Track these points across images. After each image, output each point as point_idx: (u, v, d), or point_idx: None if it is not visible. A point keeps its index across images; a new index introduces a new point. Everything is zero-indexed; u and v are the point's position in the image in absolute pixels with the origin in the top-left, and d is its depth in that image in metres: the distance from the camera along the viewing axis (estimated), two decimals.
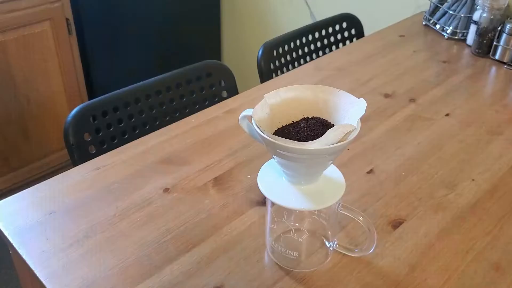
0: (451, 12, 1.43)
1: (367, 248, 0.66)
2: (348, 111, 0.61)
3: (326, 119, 0.62)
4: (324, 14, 1.64)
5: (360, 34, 1.59)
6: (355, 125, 0.56)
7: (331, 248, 0.69)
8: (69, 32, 1.86)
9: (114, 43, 2.02)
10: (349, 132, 0.55)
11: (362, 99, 0.60)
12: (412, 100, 1.10)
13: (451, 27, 1.42)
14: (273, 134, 0.59)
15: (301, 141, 0.57)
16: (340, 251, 0.69)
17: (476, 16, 1.34)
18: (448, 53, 1.35)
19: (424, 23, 1.52)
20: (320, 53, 1.54)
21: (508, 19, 1.27)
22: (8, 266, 1.72)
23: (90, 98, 2.03)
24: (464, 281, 0.66)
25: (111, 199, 0.79)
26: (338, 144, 0.54)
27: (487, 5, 1.27)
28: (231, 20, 2.38)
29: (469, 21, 1.39)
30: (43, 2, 1.74)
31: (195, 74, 1.23)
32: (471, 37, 1.37)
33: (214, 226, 0.75)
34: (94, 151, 1.05)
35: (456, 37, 1.42)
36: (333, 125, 0.61)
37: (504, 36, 1.26)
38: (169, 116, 1.19)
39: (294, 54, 1.46)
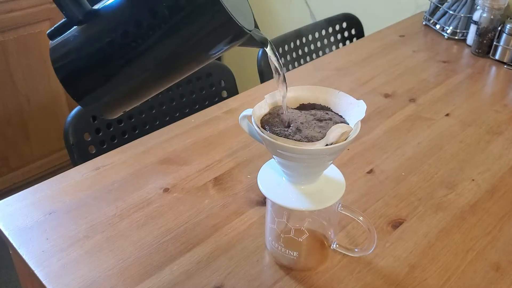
0: (451, 12, 1.43)
1: (367, 248, 0.66)
2: (348, 112, 0.61)
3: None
4: (324, 14, 1.64)
5: (360, 34, 1.59)
6: (353, 126, 0.56)
7: (331, 248, 0.69)
8: None
9: None
10: (347, 132, 0.55)
11: (362, 101, 0.60)
12: (412, 100, 1.10)
13: (451, 27, 1.42)
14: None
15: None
16: (340, 251, 0.69)
17: (476, 16, 1.34)
18: (448, 53, 1.35)
19: (424, 23, 1.52)
20: (320, 53, 1.54)
21: (508, 19, 1.27)
22: (8, 266, 1.72)
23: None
24: (464, 281, 0.66)
25: (111, 199, 0.79)
26: (338, 144, 0.54)
27: (487, 5, 1.27)
28: None
29: (469, 21, 1.39)
30: (43, 2, 1.74)
31: (195, 74, 1.23)
32: (471, 37, 1.37)
33: (214, 226, 0.75)
34: (94, 151, 1.05)
35: (456, 37, 1.42)
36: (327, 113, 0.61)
37: (504, 36, 1.26)
38: (169, 116, 1.19)
39: (294, 54, 1.46)
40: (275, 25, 2.21)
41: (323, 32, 1.53)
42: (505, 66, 1.27)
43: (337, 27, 1.56)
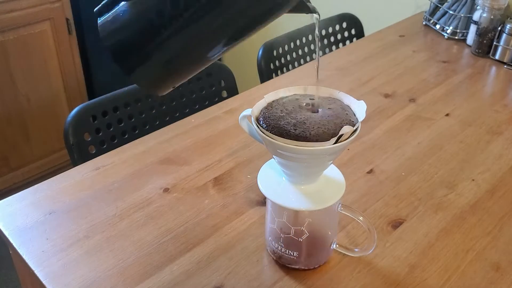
0: (451, 12, 1.43)
1: (367, 248, 0.66)
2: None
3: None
4: (324, 14, 1.64)
5: (360, 34, 1.59)
6: (353, 127, 0.56)
7: (331, 248, 0.69)
8: (69, 32, 1.86)
9: None
10: (348, 133, 0.55)
11: (362, 101, 0.60)
12: (412, 100, 1.10)
13: (451, 27, 1.42)
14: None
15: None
16: (340, 251, 0.69)
17: (476, 16, 1.34)
18: (448, 53, 1.35)
19: (424, 23, 1.52)
20: (320, 53, 1.54)
21: (508, 19, 1.27)
22: (8, 266, 1.72)
23: (90, 98, 2.03)
24: (464, 281, 0.66)
25: (111, 199, 0.79)
26: (338, 144, 0.54)
27: (487, 5, 1.27)
28: None
29: (469, 21, 1.39)
30: (43, 2, 1.74)
31: (195, 74, 1.23)
32: (471, 37, 1.37)
33: (214, 226, 0.75)
34: (94, 151, 1.05)
35: (456, 37, 1.42)
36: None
37: (504, 36, 1.26)
38: (169, 116, 1.19)
39: (294, 54, 1.46)
40: (275, 25, 2.21)
41: (323, 32, 1.53)
42: (505, 66, 1.27)
43: (337, 27, 1.56)
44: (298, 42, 1.47)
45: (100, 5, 0.49)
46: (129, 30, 0.48)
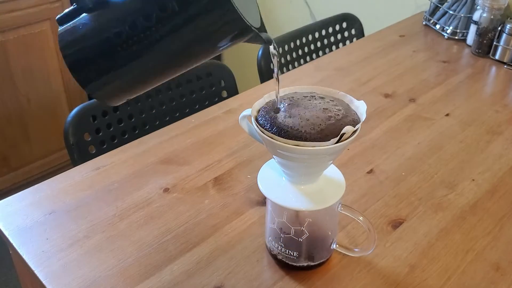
0: (451, 12, 1.43)
1: (367, 248, 0.66)
2: None
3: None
4: (324, 14, 1.64)
5: (360, 34, 1.59)
6: (353, 127, 0.56)
7: (331, 248, 0.69)
8: None
9: None
10: (348, 133, 0.55)
11: (362, 101, 0.60)
12: (412, 100, 1.10)
13: (451, 27, 1.42)
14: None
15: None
16: (340, 251, 0.69)
17: (476, 16, 1.34)
18: (448, 53, 1.35)
19: (424, 23, 1.52)
20: (320, 53, 1.54)
21: (508, 19, 1.27)
22: (8, 266, 1.72)
23: (90, 98, 2.03)
24: (464, 281, 0.66)
25: (111, 199, 0.79)
26: (338, 144, 0.54)
27: (487, 5, 1.27)
28: None
29: (469, 21, 1.39)
30: (43, 2, 1.74)
31: (195, 74, 1.23)
32: (471, 37, 1.37)
33: (214, 226, 0.75)
34: (94, 151, 1.05)
35: (456, 37, 1.42)
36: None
37: (504, 36, 1.26)
38: (169, 116, 1.19)
39: (294, 54, 1.47)
40: (275, 25, 2.21)
41: (323, 32, 1.53)
42: (505, 66, 1.27)
43: (337, 27, 1.56)
44: (298, 42, 1.47)
45: (61, 14, 0.50)
46: (87, 43, 0.49)
